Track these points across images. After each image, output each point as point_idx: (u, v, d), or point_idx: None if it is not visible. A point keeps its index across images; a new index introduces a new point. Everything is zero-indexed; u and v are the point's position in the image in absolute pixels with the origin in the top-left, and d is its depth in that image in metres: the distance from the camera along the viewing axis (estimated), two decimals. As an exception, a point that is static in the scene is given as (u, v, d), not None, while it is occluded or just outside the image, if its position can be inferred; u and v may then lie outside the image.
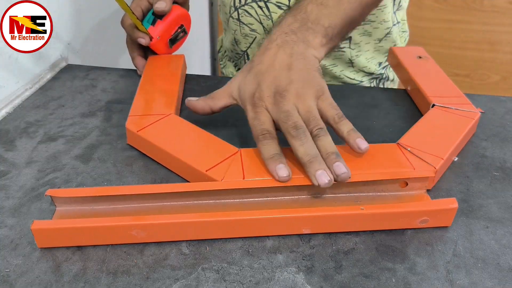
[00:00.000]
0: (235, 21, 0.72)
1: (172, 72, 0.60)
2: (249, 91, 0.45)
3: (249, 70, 0.47)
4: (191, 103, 0.49)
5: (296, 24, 0.48)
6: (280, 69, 0.45)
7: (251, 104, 0.44)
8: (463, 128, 0.48)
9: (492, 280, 0.34)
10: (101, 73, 0.67)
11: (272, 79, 0.44)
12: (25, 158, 0.47)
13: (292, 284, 0.34)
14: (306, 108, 0.43)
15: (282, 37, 0.47)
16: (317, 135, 0.41)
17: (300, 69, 0.45)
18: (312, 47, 0.47)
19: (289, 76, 0.44)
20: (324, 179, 0.37)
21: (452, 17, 1.53)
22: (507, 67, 1.59)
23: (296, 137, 0.40)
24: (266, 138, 0.41)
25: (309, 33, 0.47)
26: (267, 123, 0.43)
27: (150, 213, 0.38)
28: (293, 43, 0.47)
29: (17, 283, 0.34)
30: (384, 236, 0.38)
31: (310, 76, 0.45)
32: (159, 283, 0.34)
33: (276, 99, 0.43)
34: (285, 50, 0.46)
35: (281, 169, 0.39)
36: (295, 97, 0.43)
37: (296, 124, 0.41)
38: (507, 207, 0.42)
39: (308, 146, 0.40)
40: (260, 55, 0.47)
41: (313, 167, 0.38)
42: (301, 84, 0.44)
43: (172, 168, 0.45)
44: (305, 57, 0.46)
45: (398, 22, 0.74)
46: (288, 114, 0.42)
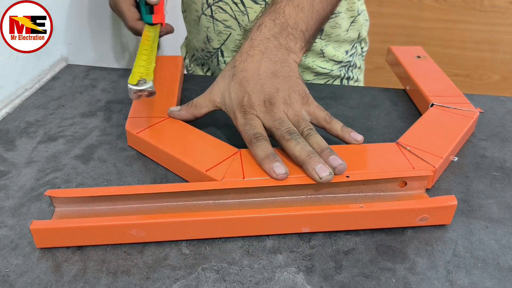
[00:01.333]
0: (208, 18, 0.71)
1: (172, 73, 0.60)
2: (237, 99, 0.45)
3: (232, 77, 0.47)
4: (173, 114, 0.50)
5: (276, 29, 0.48)
6: (266, 77, 0.46)
7: (241, 112, 0.45)
8: (462, 127, 0.48)
9: (492, 280, 0.34)
10: (101, 73, 0.67)
11: (260, 87, 0.45)
12: (25, 158, 0.47)
13: (292, 284, 0.34)
14: (294, 113, 0.44)
15: (264, 43, 0.48)
16: (308, 134, 0.43)
17: (285, 77, 0.46)
18: (293, 53, 0.48)
19: (276, 84, 0.45)
20: (325, 171, 0.38)
21: (452, 17, 1.54)
22: (507, 67, 1.59)
23: (291, 139, 0.41)
24: (259, 140, 0.42)
25: (290, 39, 0.48)
26: (258, 127, 0.43)
27: (150, 213, 0.38)
28: (276, 50, 0.47)
29: (17, 283, 0.34)
30: (384, 236, 0.38)
31: (294, 83, 0.46)
32: (159, 283, 0.34)
33: (266, 106, 0.44)
34: (269, 57, 0.47)
35: (278, 166, 0.39)
36: (284, 104, 0.45)
37: (289, 130, 0.42)
38: (507, 207, 0.42)
39: (303, 144, 0.41)
40: (242, 61, 0.47)
41: (312, 162, 0.39)
42: (287, 91, 0.45)
43: (172, 168, 0.45)
44: (289, 64, 0.47)
45: (362, 11, 0.77)
46: (281, 121, 0.43)
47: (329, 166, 0.39)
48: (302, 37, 0.49)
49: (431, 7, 1.53)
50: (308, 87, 0.63)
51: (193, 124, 0.49)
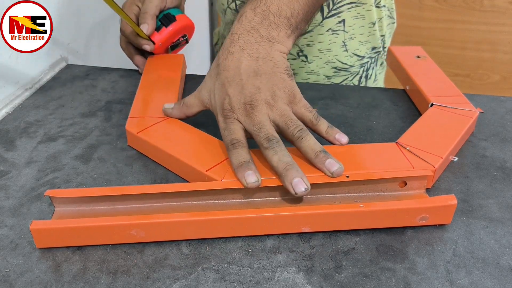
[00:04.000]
0: (233, 11, 0.73)
1: (172, 73, 0.60)
2: (219, 101, 0.44)
3: (216, 76, 0.45)
4: (166, 112, 0.50)
5: (257, 19, 0.45)
6: (247, 76, 0.43)
7: (222, 116, 0.43)
8: (461, 127, 0.48)
9: (492, 280, 0.34)
10: (101, 73, 0.67)
11: (240, 89, 0.43)
12: (25, 158, 0.47)
13: (292, 284, 0.34)
14: (280, 113, 0.42)
15: (244, 37, 0.44)
16: (300, 137, 0.41)
17: (268, 74, 0.43)
18: (278, 42, 0.45)
19: (257, 84, 0.43)
20: (301, 187, 0.37)
21: (452, 17, 1.54)
22: (507, 67, 1.59)
23: (269, 148, 0.40)
24: (235, 147, 0.41)
25: (272, 29, 0.45)
26: (237, 132, 0.42)
27: (150, 213, 0.38)
28: (257, 44, 0.44)
29: (17, 283, 0.34)
30: (384, 236, 0.38)
31: (279, 80, 0.43)
32: (159, 283, 0.34)
33: (247, 110, 0.42)
34: (250, 54, 0.44)
35: (249, 175, 0.38)
36: (266, 106, 0.42)
37: (268, 136, 0.40)
38: (507, 207, 0.42)
39: (282, 154, 0.39)
40: (224, 59, 0.44)
41: (289, 175, 0.37)
42: (270, 90, 0.43)
43: (172, 168, 0.45)
44: (272, 58, 0.44)
45: (383, 6, 0.75)
46: (260, 126, 0.41)
47: (327, 170, 0.39)
48: (287, 24, 0.45)
49: (431, 7, 1.53)
50: (308, 87, 0.63)
51: (193, 124, 0.49)
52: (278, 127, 0.42)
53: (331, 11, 0.71)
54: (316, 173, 0.40)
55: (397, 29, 0.82)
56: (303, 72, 0.76)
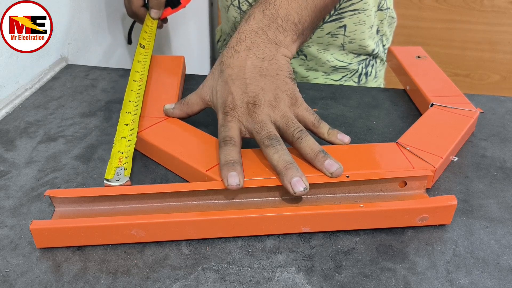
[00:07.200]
0: (236, 8, 0.74)
1: (172, 73, 0.60)
2: (221, 98, 0.44)
3: (219, 74, 0.45)
4: (168, 112, 0.49)
5: (265, 21, 0.45)
6: (251, 76, 0.43)
7: (223, 113, 0.43)
8: (462, 127, 0.48)
9: (492, 280, 0.34)
10: (101, 73, 0.67)
11: (244, 88, 0.43)
12: (25, 158, 0.47)
13: (292, 284, 0.34)
14: (282, 114, 0.42)
15: (251, 37, 0.45)
16: (299, 138, 0.41)
17: (272, 76, 0.44)
18: (284, 46, 0.45)
19: (261, 84, 0.43)
20: (300, 187, 0.37)
21: (452, 17, 1.54)
22: (507, 67, 1.59)
23: (270, 146, 0.40)
24: (226, 144, 0.41)
25: (280, 32, 0.45)
26: (233, 130, 0.42)
27: (150, 213, 0.38)
28: (264, 45, 0.44)
29: (17, 283, 0.34)
30: (384, 236, 0.38)
31: (282, 82, 0.44)
32: (159, 283, 0.34)
33: (249, 109, 0.42)
34: (256, 54, 0.44)
35: (231, 176, 0.37)
36: (268, 107, 0.42)
37: (269, 135, 0.40)
38: (507, 207, 0.42)
39: (282, 153, 0.39)
40: (229, 57, 0.45)
41: (288, 174, 0.37)
42: (273, 92, 0.43)
43: (172, 168, 0.45)
44: (277, 61, 0.45)
45: (388, 8, 0.76)
46: (262, 125, 0.41)
47: (326, 171, 0.39)
48: (294, 29, 0.46)
49: (431, 7, 1.53)
50: (309, 87, 0.63)
51: (193, 124, 0.49)
52: (278, 128, 0.42)
53: (332, 16, 0.71)
54: (316, 173, 0.40)
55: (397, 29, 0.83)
56: (302, 69, 0.77)
